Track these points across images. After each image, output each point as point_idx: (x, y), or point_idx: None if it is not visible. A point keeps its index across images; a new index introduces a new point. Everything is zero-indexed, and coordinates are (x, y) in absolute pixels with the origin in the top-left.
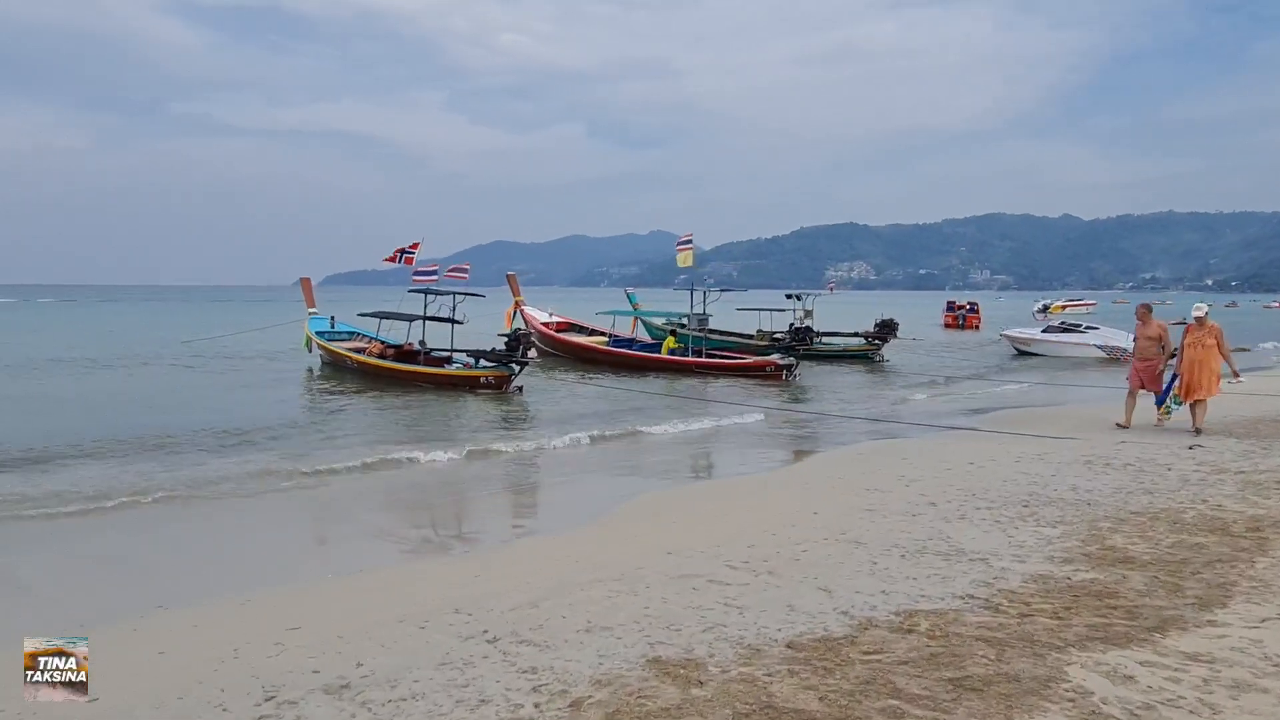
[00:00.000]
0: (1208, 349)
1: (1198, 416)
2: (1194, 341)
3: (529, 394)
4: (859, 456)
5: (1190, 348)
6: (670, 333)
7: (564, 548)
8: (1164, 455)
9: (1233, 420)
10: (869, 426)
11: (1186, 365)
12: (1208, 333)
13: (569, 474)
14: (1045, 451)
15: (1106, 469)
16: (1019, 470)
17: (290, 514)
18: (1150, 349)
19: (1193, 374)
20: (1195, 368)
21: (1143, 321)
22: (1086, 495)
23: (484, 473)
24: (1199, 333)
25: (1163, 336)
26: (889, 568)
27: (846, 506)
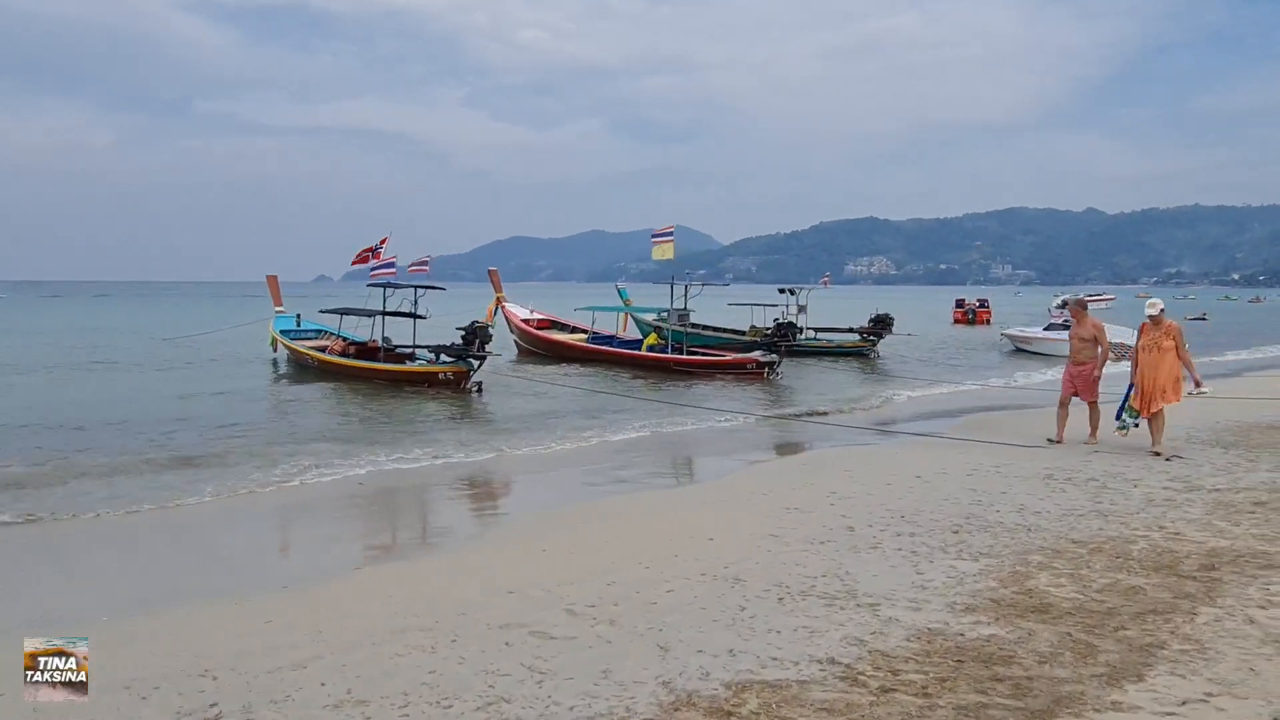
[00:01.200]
0: (1164, 352)
1: (1156, 432)
2: (1149, 344)
3: (489, 394)
4: (802, 467)
5: (1145, 351)
6: (654, 329)
7: (397, 583)
8: (1135, 469)
9: (1224, 427)
10: (832, 431)
11: (1141, 372)
12: (1165, 333)
13: (471, 490)
14: (1006, 463)
15: (1066, 485)
16: (968, 486)
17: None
18: (1085, 351)
19: (1149, 382)
20: (1152, 374)
21: (1077, 320)
22: (1031, 518)
23: (372, 491)
24: (1154, 333)
25: (1099, 337)
26: (757, 616)
27: (752, 531)
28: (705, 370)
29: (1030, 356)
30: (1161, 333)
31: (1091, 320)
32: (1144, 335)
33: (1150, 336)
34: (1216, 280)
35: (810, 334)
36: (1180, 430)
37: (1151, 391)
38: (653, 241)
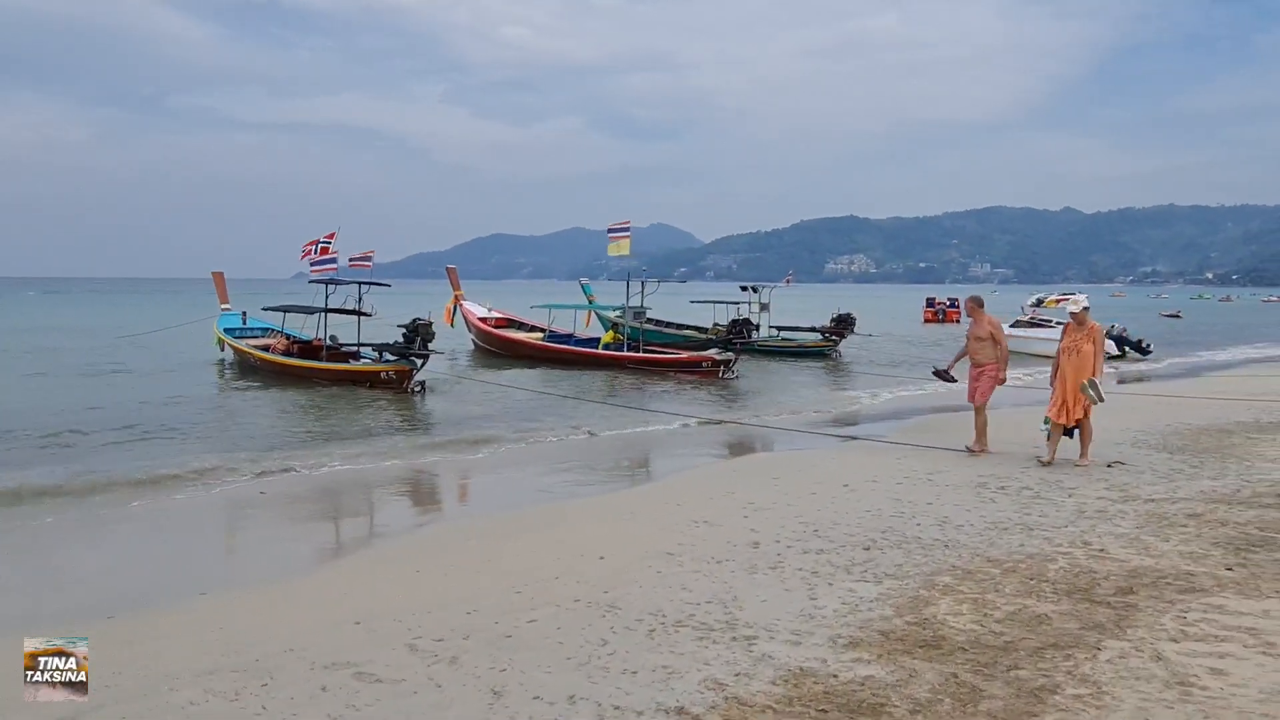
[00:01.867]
0: (1086, 356)
1: (1084, 443)
2: (1070, 346)
3: (433, 394)
4: (729, 475)
5: (1066, 354)
6: (611, 326)
7: (238, 611)
8: (1073, 477)
9: (1175, 429)
10: (775, 435)
11: (1062, 376)
12: (1087, 335)
13: (374, 501)
14: (942, 469)
15: (998, 494)
16: (895, 496)
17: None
18: (982, 352)
19: (1070, 388)
20: (1074, 379)
21: (974, 319)
22: (952, 533)
23: (270, 501)
24: (1077, 335)
25: (996, 336)
26: (617, 653)
27: (649, 548)
28: (660, 369)
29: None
30: (1084, 334)
31: (989, 318)
32: (1066, 336)
33: (1072, 338)
34: (1191, 279)
35: (773, 333)
36: (1129, 434)
37: (1073, 398)
38: (609, 237)
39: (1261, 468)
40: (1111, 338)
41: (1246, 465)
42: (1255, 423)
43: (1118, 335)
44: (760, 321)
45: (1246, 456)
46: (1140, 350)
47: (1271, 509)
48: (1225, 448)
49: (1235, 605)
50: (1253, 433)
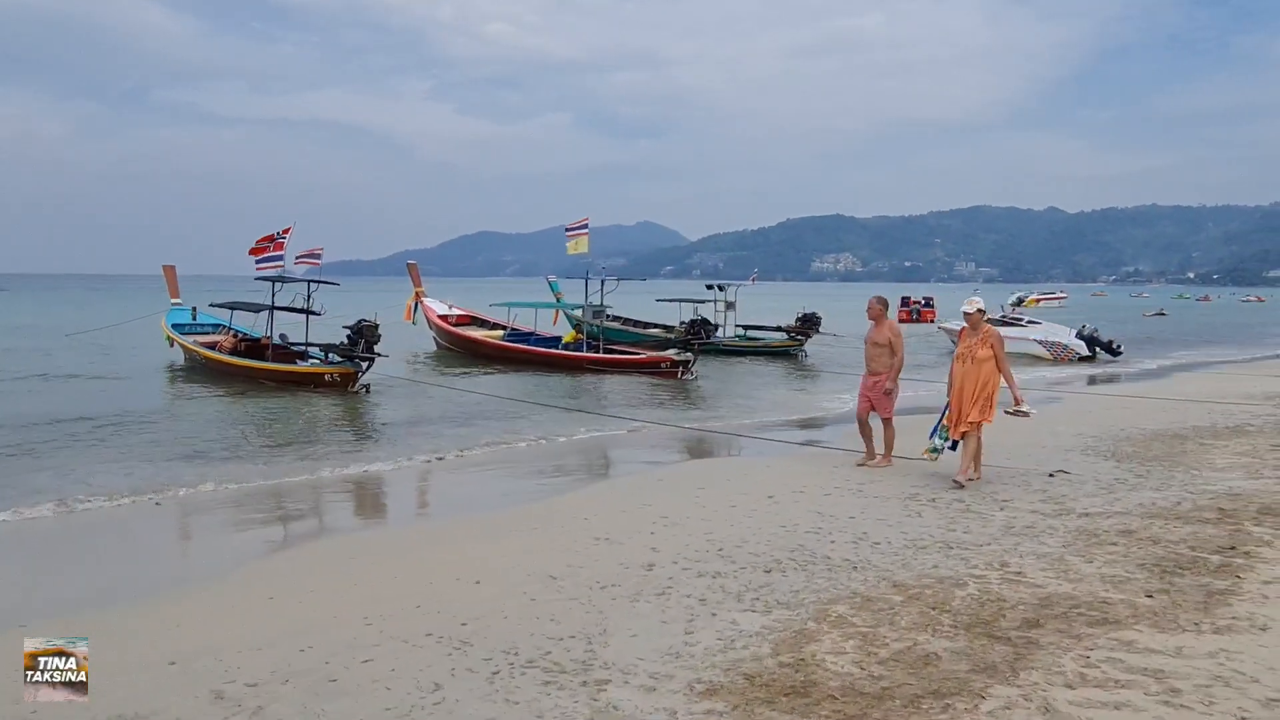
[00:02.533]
0: (979, 363)
1: (968, 457)
2: (964, 352)
3: (379, 396)
4: (653, 485)
5: (959, 361)
6: (574, 326)
7: None
8: (1010, 488)
9: (1128, 435)
10: (719, 439)
11: (955, 386)
12: (981, 340)
13: (271, 516)
14: (872, 480)
15: (927, 507)
16: (817, 509)
17: None
18: (879, 359)
19: (960, 398)
20: (964, 388)
21: (875, 322)
22: (865, 552)
23: (163, 516)
24: (970, 340)
25: (894, 344)
26: (446, 701)
27: (533, 571)
28: (619, 369)
29: None
30: (978, 339)
31: (890, 323)
32: (961, 341)
33: (966, 344)
34: (1173, 279)
35: (740, 332)
36: (1082, 439)
37: (961, 408)
38: (567, 235)
39: (1208, 477)
40: (1082, 338)
41: (1194, 475)
42: (1211, 428)
43: (1088, 336)
44: (726, 321)
45: (1196, 465)
46: (1111, 351)
47: (1209, 524)
48: (1176, 455)
49: (1147, 641)
50: (1207, 438)
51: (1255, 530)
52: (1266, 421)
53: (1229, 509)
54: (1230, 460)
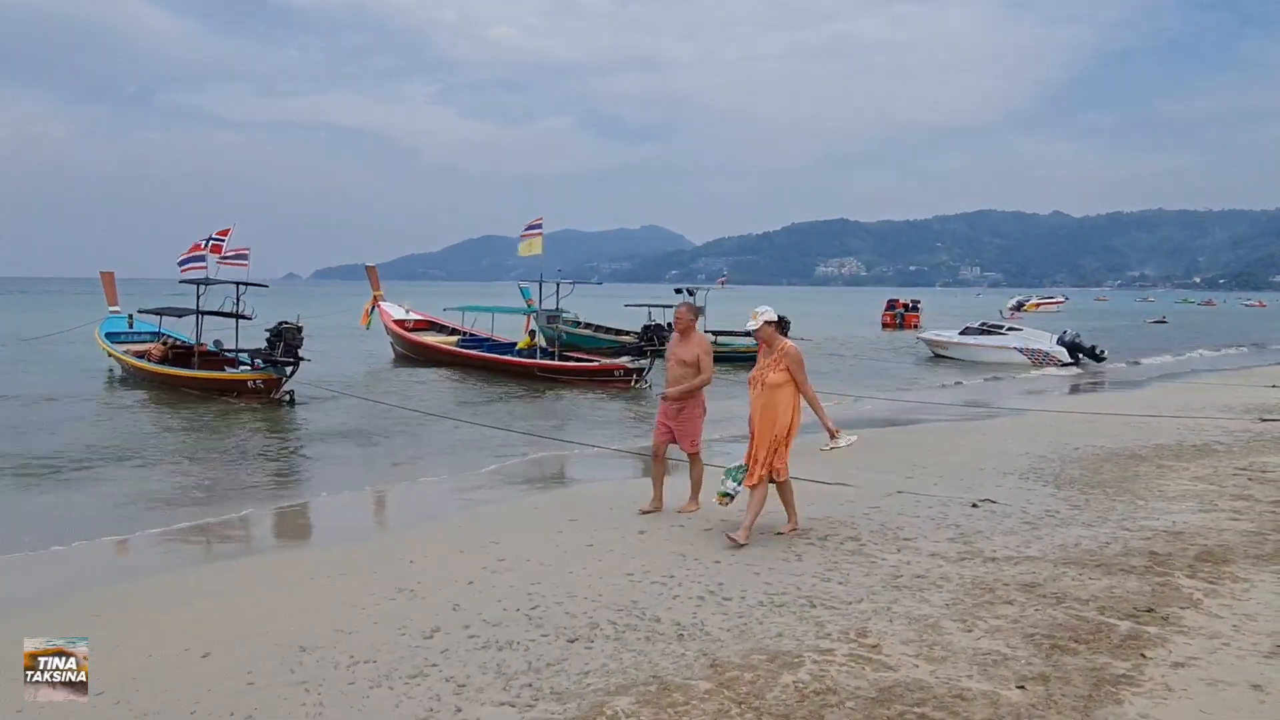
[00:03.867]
0: (771, 389)
1: (752, 512)
2: (755, 376)
3: (307, 407)
4: (518, 516)
5: (751, 387)
6: (530, 334)
7: None
8: (920, 522)
9: (1080, 455)
10: (623, 464)
11: (751, 420)
12: (774, 361)
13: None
14: (766, 510)
15: (815, 546)
16: (684, 547)
17: None
18: (685, 379)
19: (753, 430)
20: (759, 420)
21: (680, 334)
22: (706, 612)
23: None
24: (763, 361)
25: (703, 361)
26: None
27: (286, 638)
28: (571, 377)
29: (948, 363)
30: (771, 360)
31: (699, 338)
32: (758, 360)
33: (758, 366)
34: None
35: (709, 338)
36: (1029, 459)
37: (756, 442)
38: (521, 236)
39: (1154, 509)
40: (1064, 345)
41: (1138, 505)
42: (1175, 446)
43: (1069, 342)
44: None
45: (1144, 493)
46: (1094, 357)
47: (1133, 575)
48: (1126, 480)
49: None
50: (1167, 459)
51: (1186, 584)
52: (1237, 439)
53: (1163, 553)
54: (1185, 487)
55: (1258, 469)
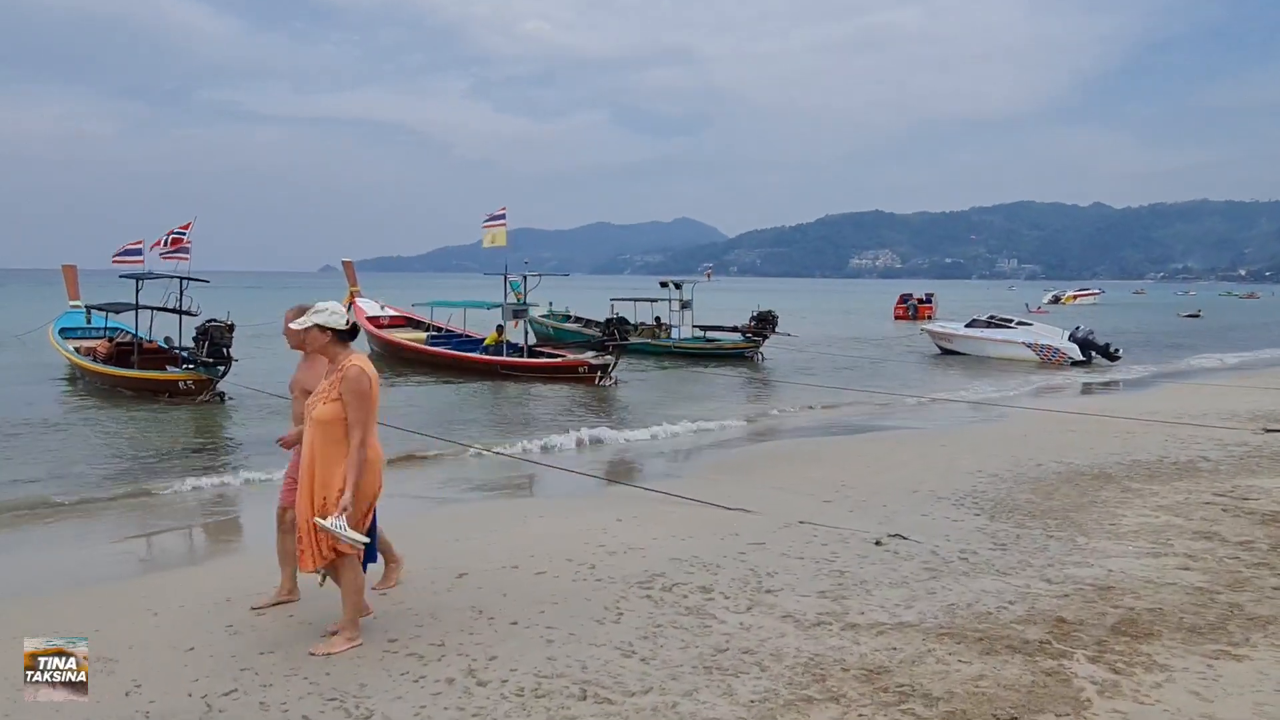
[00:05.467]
0: (321, 426)
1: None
2: (311, 400)
3: (232, 407)
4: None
5: (306, 421)
6: (498, 329)
7: None
8: (803, 562)
9: (1036, 476)
10: (564, 478)
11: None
12: (332, 386)
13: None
14: (649, 542)
15: (644, 601)
16: (550, 599)
17: None
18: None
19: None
20: (308, 461)
21: (306, 360)
22: (482, 698)
23: None
24: (324, 382)
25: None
26: None
27: None
28: (535, 374)
29: (954, 358)
30: (329, 385)
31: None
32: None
33: (318, 393)
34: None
35: (697, 333)
36: (980, 477)
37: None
38: (483, 228)
39: (1092, 551)
40: (1075, 341)
41: (1076, 546)
42: (1155, 463)
43: (1081, 339)
44: (682, 321)
45: (1092, 528)
46: (1108, 355)
47: (1020, 654)
48: (1079, 508)
49: None
50: (1139, 480)
51: (1082, 673)
52: (1229, 455)
53: (1073, 620)
54: (1144, 519)
55: (1239, 495)
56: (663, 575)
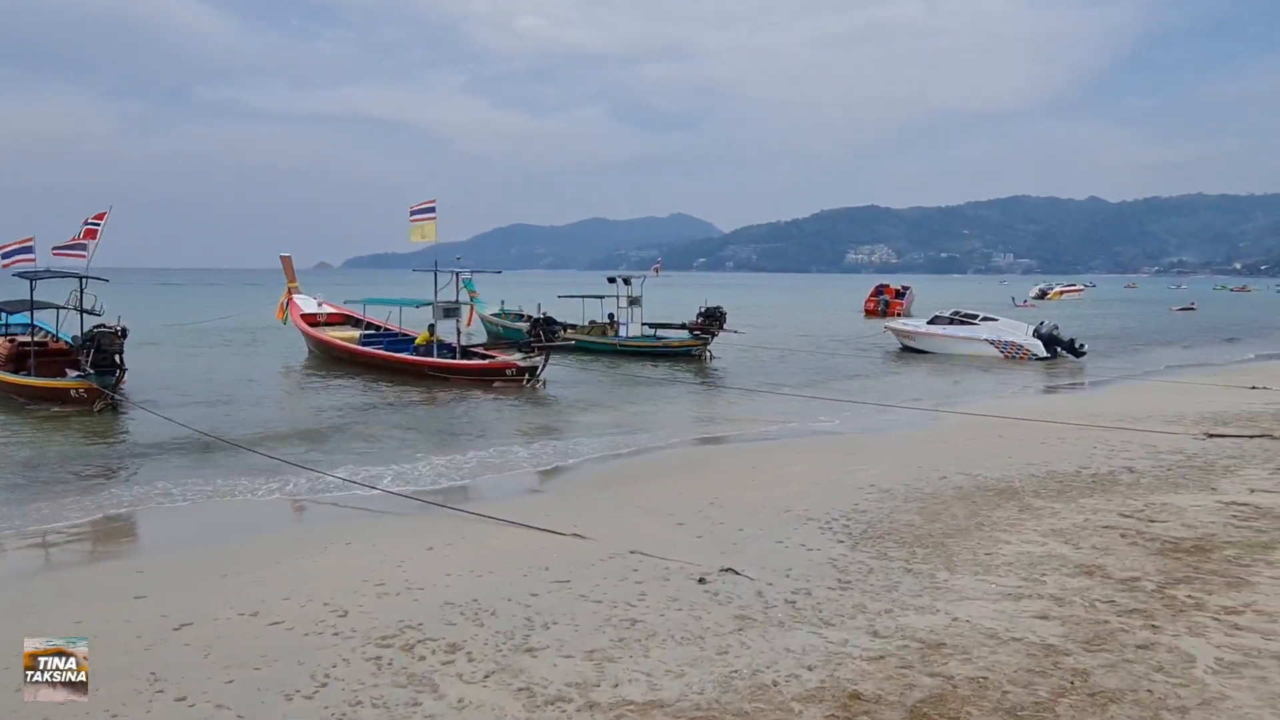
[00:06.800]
0: None
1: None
2: None
3: (131, 419)
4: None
5: None
6: (429, 328)
7: None
8: (599, 607)
9: (930, 491)
10: (391, 506)
11: None
12: None
13: None
14: (497, 566)
15: (368, 664)
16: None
17: None
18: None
19: None
20: None
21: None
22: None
23: None
24: None
25: None
26: None
27: None
28: (461, 376)
29: (916, 356)
30: None
31: None
32: None
33: None
34: (1219, 269)
35: (647, 331)
36: (865, 494)
37: None
38: (410, 221)
39: (948, 590)
40: (1040, 337)
41: (934, 582)
42: (1072, 475)
43: (1046, 334)
44: (631, 318)
45: (964, 558)
46: (1073, 351)
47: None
48: (961, 531)
49: None
50: (1046, 495)
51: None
52: (1156, 465)
53: (869, 698)
54: (1027, 547)
55: (1148, 515)
56: (417, 628)
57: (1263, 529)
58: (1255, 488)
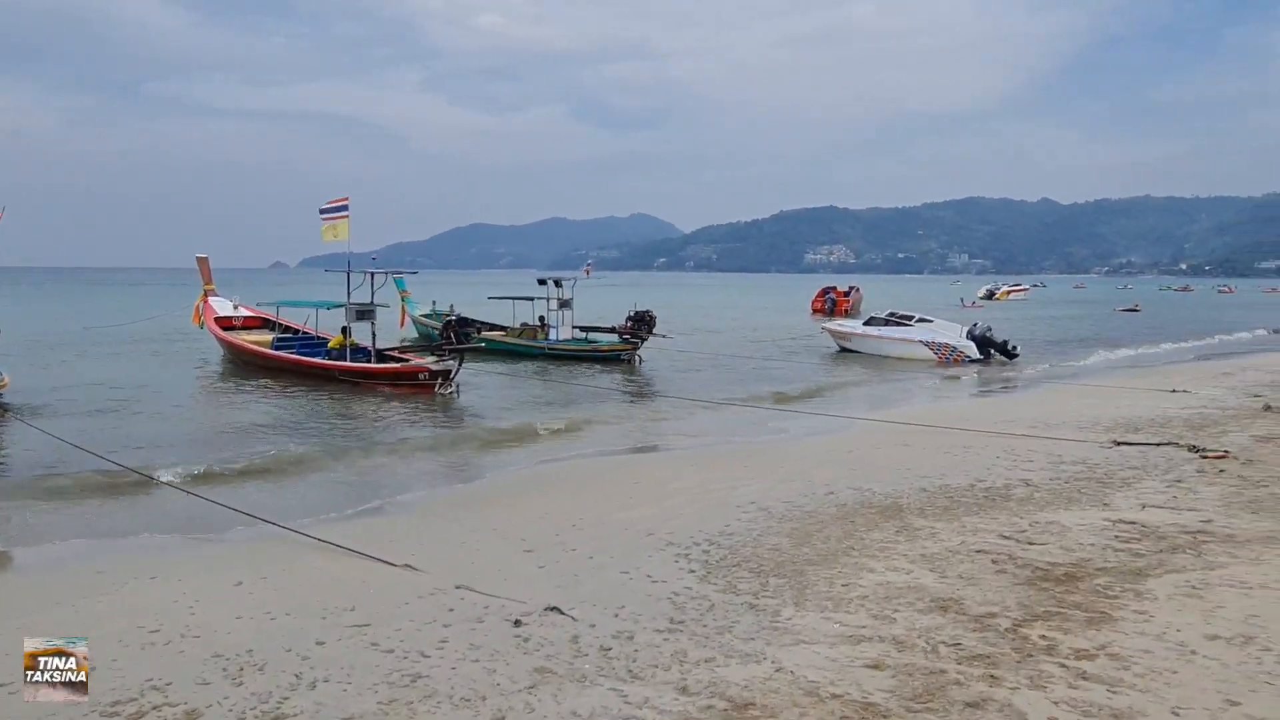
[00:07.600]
0: None
1: None
2: None
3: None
4: None
5: None
6: (342, 330)
7: None
8: (397, 659)
9: (811, 510)
10: (251, 530)
11: None
12: None
13: None
14: (296, 605)
15: (247, 674)
16: None
17: None
18: None
19: None
20: None
21: None
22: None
23: None
24: None
25: None
26: None
27: None
28: (372, 381)
29: (851, 357)
30: None
31: None
32: None
33: None
34: (1165, 270)
35: (578, 334)
36: (742, 513)
37: None
38: (322, 219)
39: (788, 630)
40: (973, 339)
41: (775, 621)
42: (964, 489)
43: (979, 336)
44: (561, 320)
45: (818, 591)
46: (1006, 353)
47: None
48: (829, 557)
49: None
50: (932, 512)
51: None
52: (1055, 476)
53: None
54: (891, 576)
55: (1030, 536)
56: (162, 689)
57: (1141, 552)
58: (1148, 503)
